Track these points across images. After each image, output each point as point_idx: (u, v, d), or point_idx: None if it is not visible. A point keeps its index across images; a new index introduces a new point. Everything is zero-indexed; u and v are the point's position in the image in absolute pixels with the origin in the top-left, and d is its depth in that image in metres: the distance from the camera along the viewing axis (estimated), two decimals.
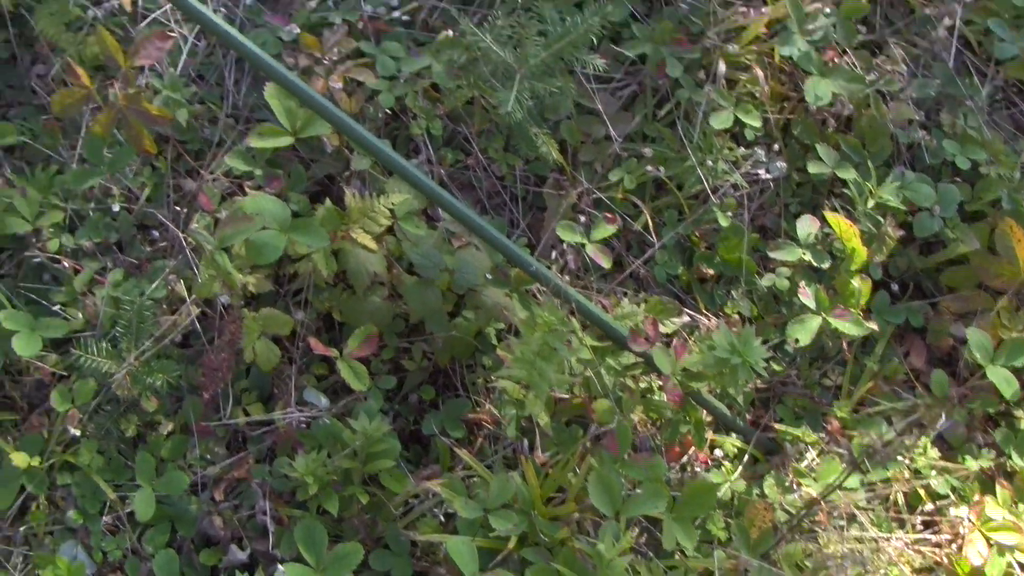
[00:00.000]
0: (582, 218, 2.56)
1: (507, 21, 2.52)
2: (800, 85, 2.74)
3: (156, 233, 2.61)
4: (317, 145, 2.58)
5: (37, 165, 2.66)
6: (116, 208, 2.58)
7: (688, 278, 2.71)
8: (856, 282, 2.51)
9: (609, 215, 2.55)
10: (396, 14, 2.75)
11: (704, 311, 2.66)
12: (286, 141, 2.44)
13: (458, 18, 2.51)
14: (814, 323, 2.48)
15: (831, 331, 2.50)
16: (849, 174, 2.64)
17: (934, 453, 2.45)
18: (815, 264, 2.57)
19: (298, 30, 2.64)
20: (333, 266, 2.41)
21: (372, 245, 2.39)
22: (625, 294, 2.63)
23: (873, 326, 2.50)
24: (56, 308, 2.49)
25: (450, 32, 2.67)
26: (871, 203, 2.59)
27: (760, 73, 2.69)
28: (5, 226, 2.49)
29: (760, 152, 2.65)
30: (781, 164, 2.67)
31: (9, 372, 2.53)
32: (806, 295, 2.49)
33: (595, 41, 2.49)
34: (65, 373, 2.48)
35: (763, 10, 2.73)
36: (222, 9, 2.79)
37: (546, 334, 2.20)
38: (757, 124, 2.66)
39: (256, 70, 2.73)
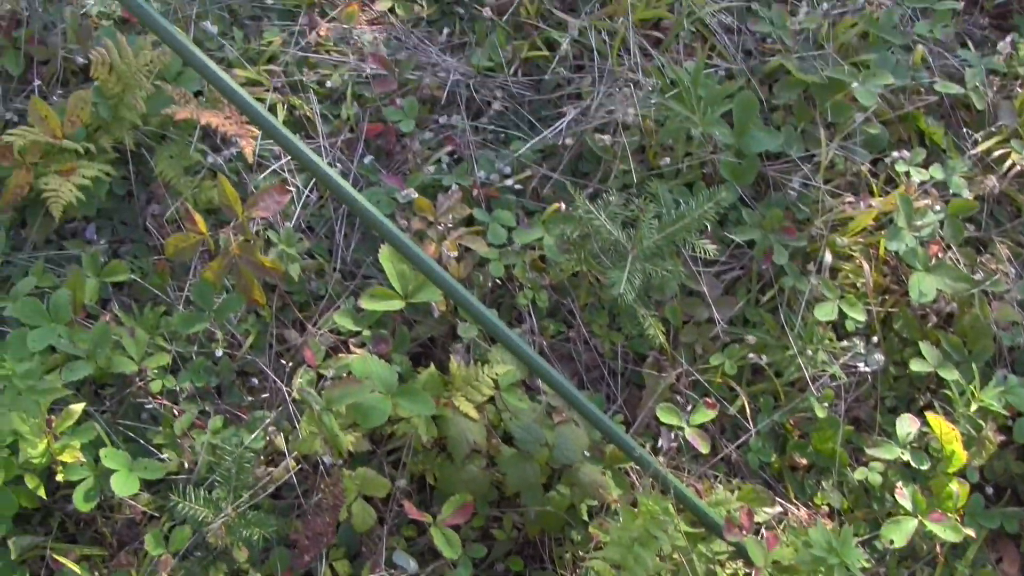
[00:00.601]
0: (688, 407, 2.56)
1: (620, 198, 2.56)
2: (903, 278, 2.76)
3: (255, 381, 2.63)
4: (424, 308, 2.61)
5: (145, 304, 2.70)
6: (219, 353, 2.61)
7: (780, 466, 2.69)
8: (954, 486, 2.49)
9: (709, 400, 2.56)
10: (509, 182, 2.79)
11: (794, 500, 2.64)
12: (397, 305, 2.47)
13: (572, 191, 2.54)
14: (910, 525, 2.46)
15: (925, 533, 2.47)
16: (951, 375, 2.63)
17: None
18: (913, 464, 2.55)
19: (415, 195, 2.68)
20: (434, 431, 2.42)
21: (474, 414, 2.40)
22: (716, 477, 2.62)
23: (971, 532, 2.47)
24: (153, 447, 2.51)
25: (562, 205, 2.71)
26: (973, 407, 2.58)
27: (866, 266, 2.71)
28: (112, 365, 2.52)
29: (859, 344, 2.66)
30: (879, 357, 2.66)
31: (101, 507, 2.53)
32: (903, 496, 2.47)
33: (707, 226, 2.53)
34: (156, 514, 2.49)
35: (871, 203, 2.75)
36: (338, 164, 2.85)
37: (648, 521, 2.20)
38: (861, 318, 2.67)
39: (367, 226, 2.77)
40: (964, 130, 3.00)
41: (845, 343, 2.68)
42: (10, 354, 2.45)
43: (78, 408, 2.42)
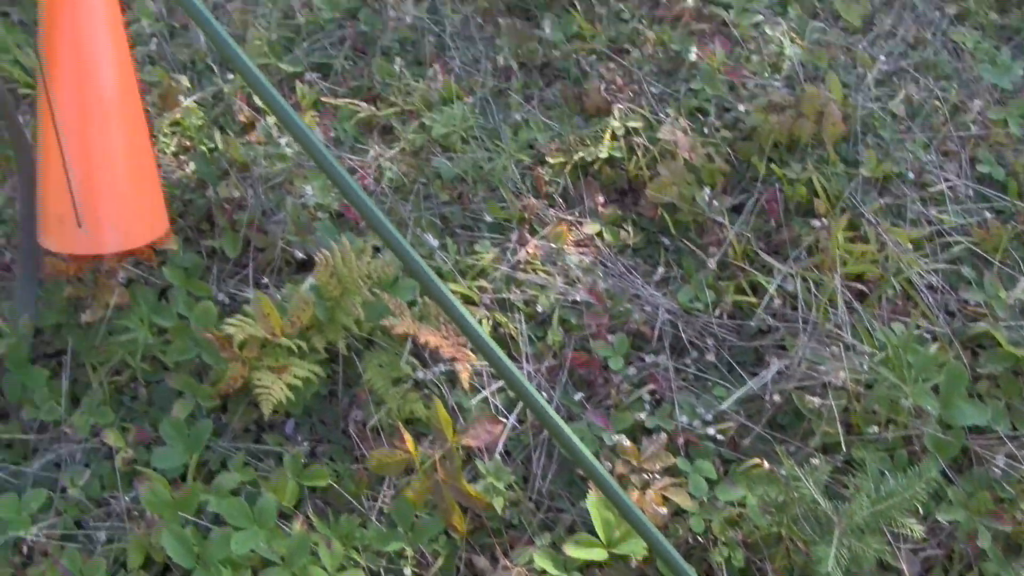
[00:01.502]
0: None
1: (825, 462, 2.54)
2: None
3: None
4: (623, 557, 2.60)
5: (339, 510, 2.72)
6: (408, 572, 2.62)
7: None
8: None
9: None
10: (710, 430, 2.79)
11: None
12: (601, 555, 2.47)
13: (774, 445, 2.53)
14: None
15: None
16: None
17: None
18: None
19: (626, 441, 2.69)
20: None
21: None
22: None
23: None
24: None
25: (764, 462, 2.70)
26: None
27: None
28: (307, 575, 2.54)
29: None
30: None
31: None
32: None
33: (918, 507, 2.49)
34: None
35: None
36: (543, 392, 2.87)
37: None
38: None
39: (566, 460, 2.78)
40: None
41: None
42: (213, 552, 2.50)
43: None
